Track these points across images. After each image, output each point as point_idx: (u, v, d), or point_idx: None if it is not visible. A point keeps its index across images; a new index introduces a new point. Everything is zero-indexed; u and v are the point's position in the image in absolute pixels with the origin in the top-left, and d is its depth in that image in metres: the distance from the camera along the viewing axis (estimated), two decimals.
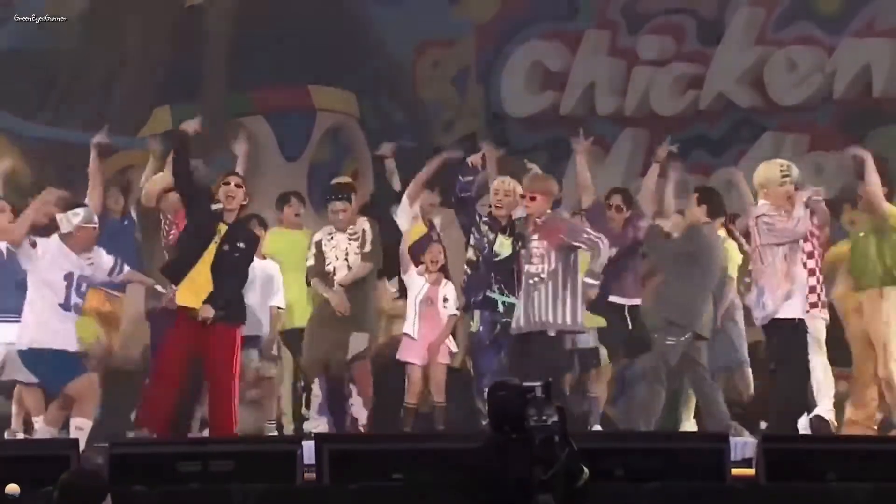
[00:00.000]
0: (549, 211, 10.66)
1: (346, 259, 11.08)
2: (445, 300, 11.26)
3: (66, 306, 10.44)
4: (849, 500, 8.96)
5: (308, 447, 9.36)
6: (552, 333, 10.55)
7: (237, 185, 10.35)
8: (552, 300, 10.55)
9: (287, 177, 13.43)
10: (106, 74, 13.57)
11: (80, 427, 10.36)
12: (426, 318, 11.25)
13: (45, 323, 10.39)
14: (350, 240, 11.11)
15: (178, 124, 13.73)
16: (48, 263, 10.38)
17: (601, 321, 11.39)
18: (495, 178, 11.19)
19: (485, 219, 11.12)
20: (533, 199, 10.57)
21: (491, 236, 11.12)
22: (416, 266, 11.33)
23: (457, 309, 11.33)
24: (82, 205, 10.62)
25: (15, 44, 13.33)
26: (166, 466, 9.16)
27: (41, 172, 13.31)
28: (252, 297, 11.19)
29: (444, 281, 11.35)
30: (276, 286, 11.37)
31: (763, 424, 10.90)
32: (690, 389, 11.08)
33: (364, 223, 11.14)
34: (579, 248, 10.54)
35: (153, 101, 13.73)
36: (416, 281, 11.34)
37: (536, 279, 10.59)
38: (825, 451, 9.41)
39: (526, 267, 10.66)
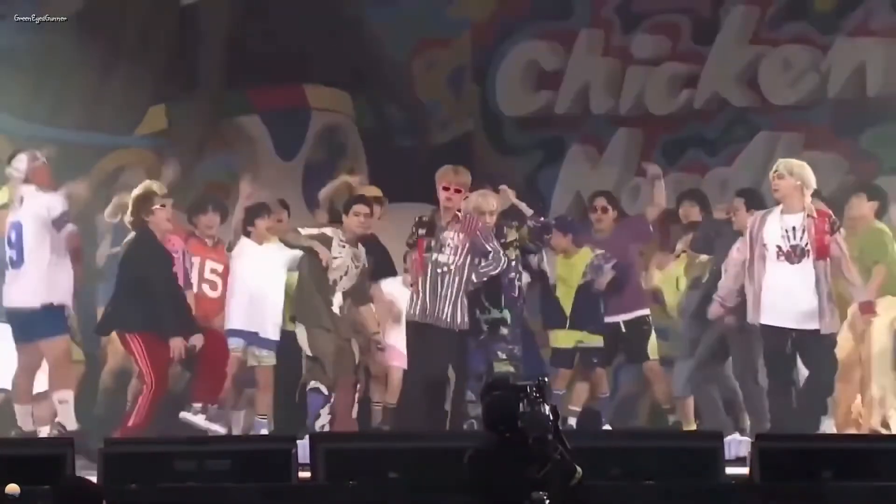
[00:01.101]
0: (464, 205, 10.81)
1: (345, 275, 11.18)
2: None
3: (60, 253, 10.52)
4: (843, 499, 8.96)
5: (303, 446, 9.36)
6: (455, 330, 10.72)
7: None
8: (454, 296, 10.69)
9: (282, 177, 13.43)
10: (101, 73, 13.54)
11: (64, 399, 10.31)
12: None
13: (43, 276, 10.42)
14: (353, 261, 11.20)
15: (173, 123, 13.80)
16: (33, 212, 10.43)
17: (598, 339, 11.46)
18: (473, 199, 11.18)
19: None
20: (458, 191, 10.77)
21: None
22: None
23: None
24: (17, 151, 10.83)
25: (10, 43, 13.31)
26: (162, 465, 9.15)
27: None
28: (248, 287, 11.28)
29: None
30: (276, 274, 11.46)
31: None
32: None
33: (362, 251, 11.24)
34: (485, 252, 10.71)
35: (148, 100, 13.72)
36: (404, 294, 11.41)
37: (444, 269, 10.71)
38: (819, 449, 9.41)
39: (435, 256, 10.77)
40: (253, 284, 11.27)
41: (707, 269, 11.20)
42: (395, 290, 11.44)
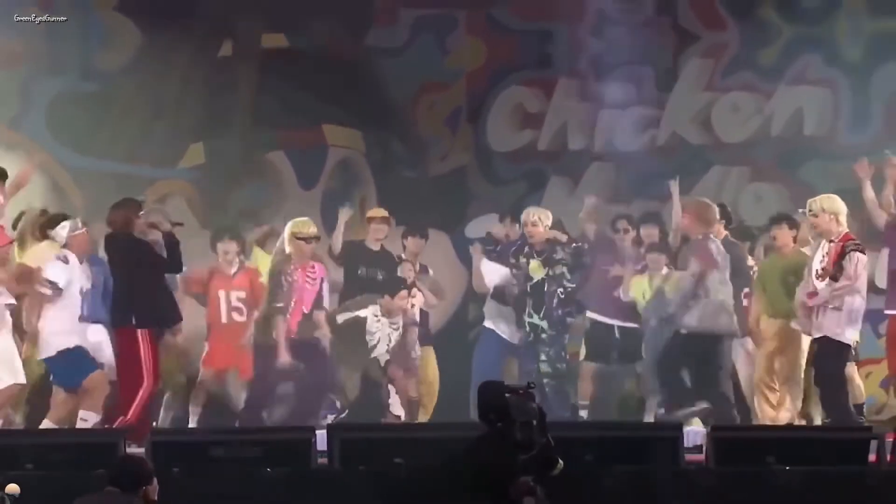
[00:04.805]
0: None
1: (388, 341, 11.28)
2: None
3: (82, 318, 10.22)
4: (786, 481, 8.95)
5: (321, 436, 9.33)
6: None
7: None
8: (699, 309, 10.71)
9: (303, 204, 13.41)
10: (149, 115, 13.53)
11: (85, 419, 10.07)
12: None
13: (68, 331, 10.11)
14: (391, 327, 11.31)
15: (210, 158, 13.78)
16: (73, 277, 10.15)
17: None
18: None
19: (525, 250, 11.29)
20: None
21: (524, 265, 11.29)
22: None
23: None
24: (66, 216, 10.48)
25: (72, 90, 13.33)
26: (200, 452, 9.12)
27: (92, 198, 13.25)
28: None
29: (415, 293, 11.70)
30: None
31: None
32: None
33: (399, 321, 11.36)
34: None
35: (189, 138, 13.70)
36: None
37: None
38: (766, 438, 9.41)
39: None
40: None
41: (666, 283, 11.26)
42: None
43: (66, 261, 10.11)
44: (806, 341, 10.44)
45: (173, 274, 10.56)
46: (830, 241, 10.12)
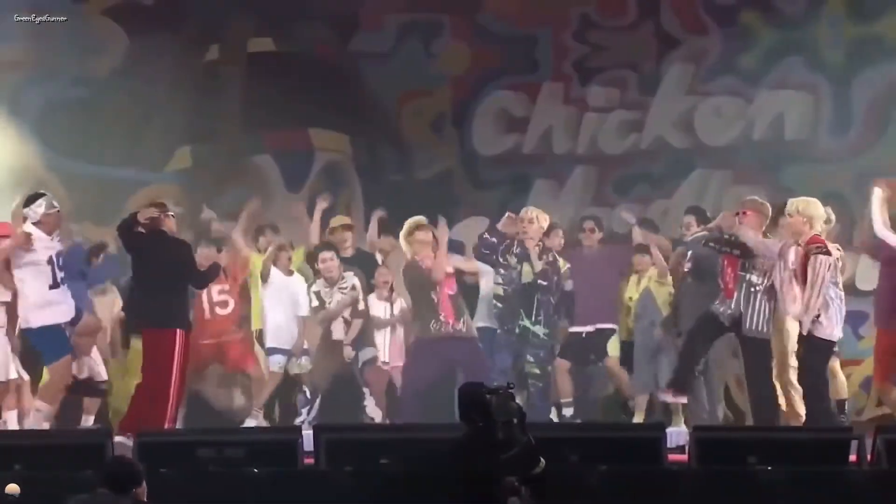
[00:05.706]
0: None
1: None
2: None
3: (54, 285, 10.26)
4: (767, 481, 8.95)
5: (307, 436, 9.31)
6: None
7: None
8: (767, 311, 10.50)
9: (290, 207, 13.41)
10: (137, 119, 13.52)
11: (40, 410, 10.08)
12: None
13: (42, 303, 10.16)
14: (341, 292, 11.33)
15: (196, 162, 13.77)
16: (38, 251, 10.25)
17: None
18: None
19: (515, 250, 11.23)
20: (745, 213, 10.65)
21: (518, 267, 11.24)
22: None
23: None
24: (41, 195, 10.48)
25: (62, 96, 13.32)
26: (187, 452, 9.09)
27: (81, 201, 13.24)
28: (282, 310, 11.32)
29: (396, 297, 11.67)
30: (302, 300, 11.55)
31: None
32: None
33: (353, 278, 11.33)
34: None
35: (176, 142, 13.69)
36: (377, 304, 11.62)
37: (756, 288, 10.59)
38: (747, 439, 9.41)
39: (749, 276, 10.59)
40: (286, 307, 11.44)
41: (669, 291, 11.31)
42: (374, 306, 11.66)
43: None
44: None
45: (197, 287, 10.70)
46: (798, 244, 10.19)
